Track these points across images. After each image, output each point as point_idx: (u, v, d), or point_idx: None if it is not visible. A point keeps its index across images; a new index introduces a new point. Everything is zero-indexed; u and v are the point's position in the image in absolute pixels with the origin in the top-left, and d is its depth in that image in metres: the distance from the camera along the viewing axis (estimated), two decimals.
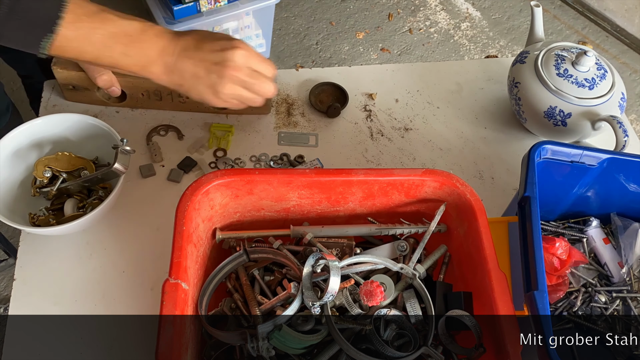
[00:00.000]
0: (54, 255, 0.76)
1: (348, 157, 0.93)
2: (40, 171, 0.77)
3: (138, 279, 0.75)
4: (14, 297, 0.73)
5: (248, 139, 0.92)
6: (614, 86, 0.88)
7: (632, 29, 2.46)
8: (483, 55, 2.36)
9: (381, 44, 2.34)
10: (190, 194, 0.63)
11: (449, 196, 0.68)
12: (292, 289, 0.60)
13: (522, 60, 0.93)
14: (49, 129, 0.79)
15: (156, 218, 0.81)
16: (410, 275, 0.65)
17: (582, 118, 0.86)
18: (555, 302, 0.76)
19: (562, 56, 0.89)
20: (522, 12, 2.53)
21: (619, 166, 0.75)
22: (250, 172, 0.66)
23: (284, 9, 2.39)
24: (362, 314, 0.61)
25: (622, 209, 0.83)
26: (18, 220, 0.72)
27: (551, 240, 0.75)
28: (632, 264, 0.77)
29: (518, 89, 0.91)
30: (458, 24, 2.46)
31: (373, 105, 1.01)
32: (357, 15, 2.43)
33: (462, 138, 0.98)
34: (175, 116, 0.93)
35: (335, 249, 0.67)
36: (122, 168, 0.74)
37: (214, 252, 0.70)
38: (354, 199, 0.70)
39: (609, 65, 0.91)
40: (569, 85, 0.86)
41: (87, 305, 0.73)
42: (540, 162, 0.72)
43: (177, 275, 0.58)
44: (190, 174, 0.87)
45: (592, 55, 0.86)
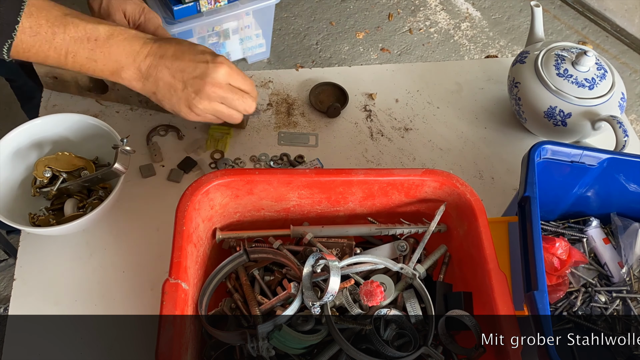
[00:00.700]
0: (54, 255, 0.76)
1: (348, 157, 0.93)
2: (40, 171, 0.77)
3: (138, 279, 0.75)
4: (14, 297, 0.73)
5: (248, 139, 0.92)
6: (614, 86, 0.88)
7: (632, 29, 2.46)
8: (483, 55, 2.36)
9: (381, 44, 2.34)
10: (190, 194, 0.63)
11: (449, 196, 0.68)
12: (292, 289, 0.60)
13: (522, 60, 0.93)
14: (49, 129, 0.79)
15: (156, 218, 0.81)
16: (410, 275, 0.65)
17: (582, 118, 0.86)
18: (555, 302, 0.76)
19: (562, 56, 0.89)
20: (522, 12, 2.54)
21: (619, 166, 0.75)
22: (250, 172, 0.66)
23: (284, 9, 2.39)
24: (362, 314, 0.61)
25: (622, 209, 0.83)
26: (18, 220, 0.72)
27: (551, 240, 0.75)
28: (632, 264, 0.77)
29: (518, 89, 0.91)
30: (458, 24, 2.46)
31: (373, 105, 1.01)
32: (357, 15, 2.44)
33: (462, 138, 0.98)
34: (175, 116, 0.93)
35: (335, 249, 0.67)
36: (122, 168, 0.74)
37: (214, 252, 0.70)
38: (354, 199, 0.70)
39: (608, 65, 0.91)
40: (569, 85, 0.86)
41: (87, 305, 0.73)
42: (540, 162, 0.72)
43: (177, 275, 0.58)
44: (190, 174, 0.87)
45: (592, 55, 0.86)
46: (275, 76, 1.02)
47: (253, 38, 2.05)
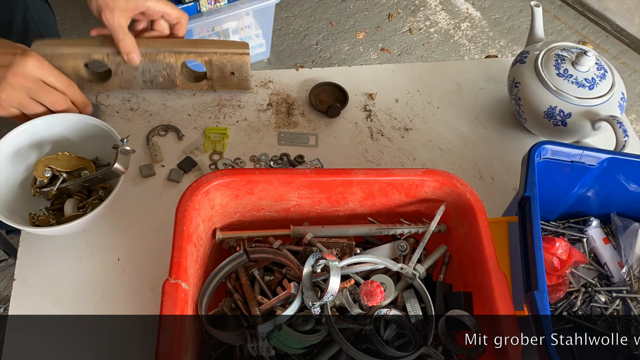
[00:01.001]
0: (54, 255, 0.76)
1: (348, 157, 0.93)
2: (41, 171, 0.77)
3: (138, 279, 0.75)
4: (14, 297, 0.73)
5: (248, 139, 0.92)
6: (614, 86, 0.88)
7: (632, 29, 2.46)
8: (483, 55, 2.36)
9: (381, 44, 2.34)
10: (190, 194, 0.63)
11: (449, 196, 0.68)
12: (292, 289, 0.60)
13: (522, 60, 0.93)
14: (49, 129, 0.79)
15: (156, 218, 0.81)
16: (410, 275, 0.65)
17: (582, 118, 0.86)
18: (555, 302, 0.76)
19: (562, 56, 0.89)
20: (522, 12, 2.54)
21: (619, 166, 0.75)
22: (250, 172, 0.66)
23: (284, 9, 2.39)
24: (362, 314, 0.61)
25: (622, 209, 0.83)
26: (18, 220, 0.72)
27: (551, 240, 0.75)
28: (632, 264, 0.77)
29: (518, 89, 0.91)
30: (458, 24, 2.46)
31: (373, 105, 1.01)
32: (357, 15, 2.44)
33: (462, 138, 0.98)
34: (175, 116, 0.93)
35: (335, 249, 0.67)
36: (122, 168, 0.74)
37: (214, 252, 0.70)
38: (354, 199, 0.70)
39: (609, 65, 0.91)
40: (569, 85, 0.86)
41: (87, 305, 0.73)
42: (540, 162, 0.72)
43: (177, 275, 0.58)
44: (190, 174, 0.87)
45: (592, 55, 0.86)
46: (275, 76, 1.02)
47: (253, 38, 2.05)
